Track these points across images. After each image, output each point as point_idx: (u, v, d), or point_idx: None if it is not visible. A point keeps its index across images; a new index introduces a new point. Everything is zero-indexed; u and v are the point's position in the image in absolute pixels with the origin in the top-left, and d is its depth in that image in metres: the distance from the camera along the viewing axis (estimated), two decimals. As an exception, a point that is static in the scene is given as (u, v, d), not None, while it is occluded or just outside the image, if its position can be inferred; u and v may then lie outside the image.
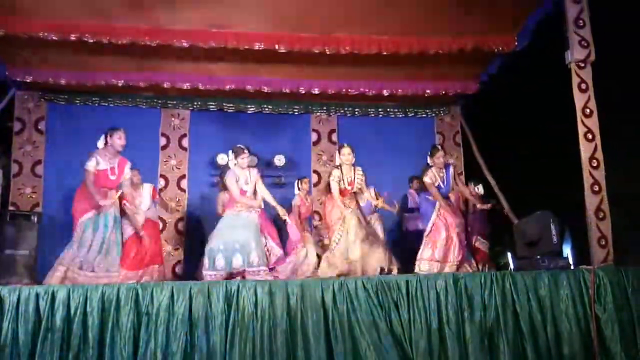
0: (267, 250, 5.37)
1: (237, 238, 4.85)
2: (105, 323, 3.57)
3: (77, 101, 7.34)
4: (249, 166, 5.16)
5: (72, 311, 3.57)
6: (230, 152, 5.18)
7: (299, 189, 6.71)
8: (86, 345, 3.52)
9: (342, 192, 5.25)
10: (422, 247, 5.33)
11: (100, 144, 4.81)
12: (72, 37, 5.52)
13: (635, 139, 5.09)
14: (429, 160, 5.47)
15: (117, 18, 5.49)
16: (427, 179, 5.38)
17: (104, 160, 4.75)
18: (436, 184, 5.36)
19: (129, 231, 5.50)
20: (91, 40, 5.56)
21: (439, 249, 5.24)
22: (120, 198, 5.02)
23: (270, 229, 5.72)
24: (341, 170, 5.28)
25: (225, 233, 4.92)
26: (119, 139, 4.76)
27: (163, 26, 5.63)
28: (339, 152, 5.40)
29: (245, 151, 5.10)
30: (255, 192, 5.11)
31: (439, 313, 3.76)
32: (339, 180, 5.23)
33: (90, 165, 4.69)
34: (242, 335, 3.59)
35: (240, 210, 5.01)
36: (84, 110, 7.31)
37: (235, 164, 5.09)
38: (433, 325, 3.72)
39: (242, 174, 5.07)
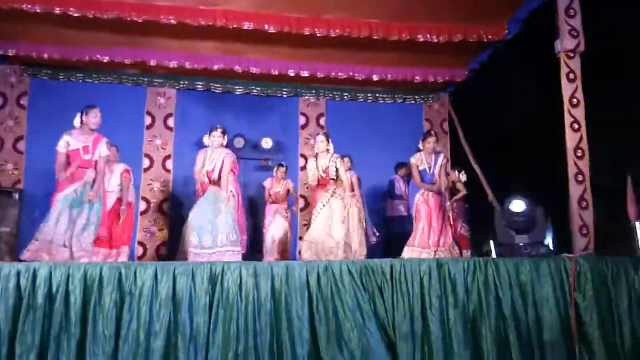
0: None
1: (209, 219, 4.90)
2: (88, 302, 3.52)
3: (61, 76, 7.20)
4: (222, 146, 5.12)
5: (54, 289, 3.52)
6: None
7: (274, 173, 6.77)
8: (68, 324, 3.48)
9: (321, 181, 5.27)
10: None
11: (77, 122, 4.63)
12: (57, 11, 5.39)
13: (620, 130, 5.14)
14: (419, 145, 5.43)
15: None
16: (412, 159, 5.36)
17: (76, 139, 4.59)
18: (420, 168, 5.32)
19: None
20: (76, 14, 5.43)
21: (420, 236, 5.20)
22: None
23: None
24: (316, 159, 5.31)
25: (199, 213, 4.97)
26: (94, 117, 4.60)
27: (150, 2, 5.52)
28: (314, 141, 5.43)
29: (218, 129, 5.07)
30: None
31: (422, 297, 3.79)
32: (314, 170, 5.29)
33: (60, 146, 4.55)
34: (226, 316, 3.57)
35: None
36: (67, 86, 7.18)
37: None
38: (416, 309, 3.75)
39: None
